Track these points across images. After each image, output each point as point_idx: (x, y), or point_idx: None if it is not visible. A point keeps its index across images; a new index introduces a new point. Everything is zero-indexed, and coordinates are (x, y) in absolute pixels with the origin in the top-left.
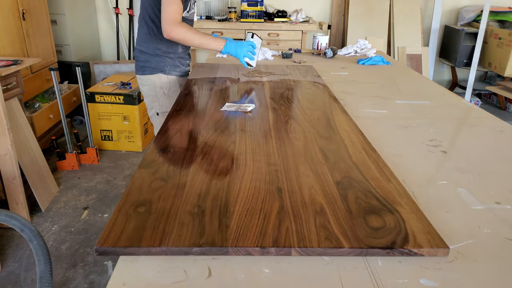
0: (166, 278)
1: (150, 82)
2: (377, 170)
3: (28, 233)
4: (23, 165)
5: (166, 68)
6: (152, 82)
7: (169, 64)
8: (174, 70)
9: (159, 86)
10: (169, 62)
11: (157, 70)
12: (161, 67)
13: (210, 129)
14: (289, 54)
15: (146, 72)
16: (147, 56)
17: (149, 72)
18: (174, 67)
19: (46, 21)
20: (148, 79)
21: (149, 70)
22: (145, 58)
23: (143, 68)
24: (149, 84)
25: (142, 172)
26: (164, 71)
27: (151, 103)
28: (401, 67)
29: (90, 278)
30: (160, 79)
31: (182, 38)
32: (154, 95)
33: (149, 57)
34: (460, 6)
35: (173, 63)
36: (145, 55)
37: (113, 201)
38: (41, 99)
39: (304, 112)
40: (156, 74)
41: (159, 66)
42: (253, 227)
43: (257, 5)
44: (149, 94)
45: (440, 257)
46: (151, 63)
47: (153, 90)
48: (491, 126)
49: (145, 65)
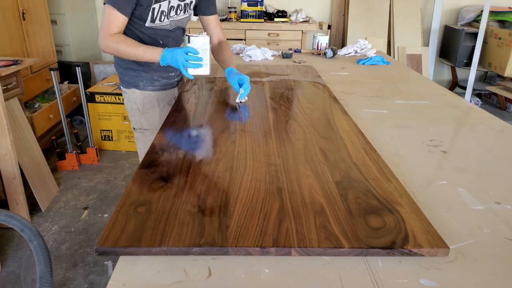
0: (166, 278)
1: (126, 95)
2: (377, 170)
3: (28, 233)
4: (23, 165)
5: (140, 83)
6: (128, 96)
7: (144, 79)
8: (150, 85)
9: (133, 101)
10: (144, 77)
11: (131, 85)
12: (135, 82)
13: (210, 129)
14: (289, 54)
15: (123, 85)
16: (121, 69)
17: (125, 86)
18: (151, 81)
19: (46, 21)
20: (125, 92)
21: (125, 84)
22: (120, 71)
23: (121, 81)
24: (126, 98)
25: (142, 172)
26: (138, 86)
27: (129, 116)
28: (401, 67)
29: (90, 278)
30: (134, 94)
31: (113, 52)
32: (129, 109)
33: (123, 71)
34: (460, 6)
35: (149, 77)
36: (120, 68)
37: (113, 201)
38: (41, 99)
39: (304, 112)
40: (130, 89)
41: (133, 80)
42: (253, 227)
43: (257, 5)
44: (127, 108)
45: (440, 257)
46: (125, 77)
47: (129, 104)
48: (491, 126)
49: (122, 78)
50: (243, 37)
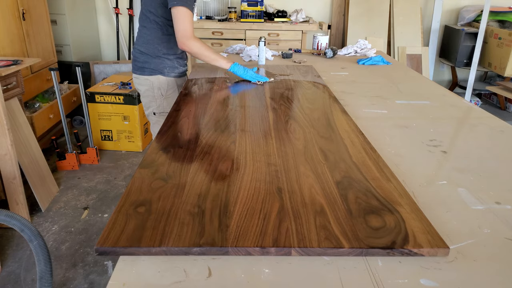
0: (166, 278)
1: (148, 82)
2: (377, 170)
3: (28, 233)
4: (23, 165)
5: (165, 70)
6: (151, 83)
7: (168, 66)
8: (172, 72)
9: (157, 87)
10: (168, 64)
11: (156, 72)
12: (160, 68)
13: (210, 129)
14: (289, 54)
15: (145, 72)
16: (146, 57)
17: (148, 73)
18: (173, 68)
19: (46, 21)
20: (146, 79)
21: (148, 71)
22: (144, 59)
23: (142, 69)
24: (147, 85)
25: (142, 172)
26: (163, 72)
27: (149, 103)
28: (401, 67)
29: (90, 278)
30: (158, 80)
31: (194, 52)
32: (152, 96)
33: (149, 58)
34: (460, 6)
35: (172, 64)
36: (144, 56)
37: (113, 201)
38: (41, 99)
39: (304, 112)
40: (155, 76)
41: (158, 67)
42: (253, 227)
43: (257, 5)
44: (147, 95)
45: (440, 257)
46: (151, 64)
47: (151, 90)
48: (491, 126)
49: (144, 65)
50: (243, 37)
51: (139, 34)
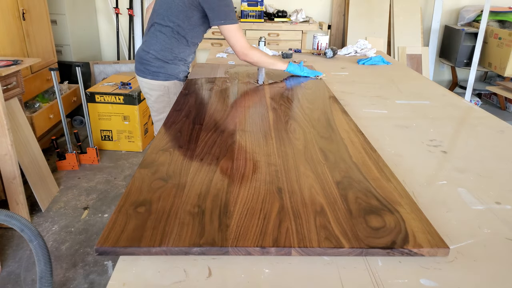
0: (166, 278)
1: (163, 88)
2: (377, 170)
3: (28, 233)
4: (23, 165)
5: (180, 75)
6: (167, 88)
7: (182, 71)
8: (185, 76)
9: (174, 92)
10: (182, 69)
11: (172, 77)
12: (176, 73)
13: (210, 129)
14: (289, 54)
15: (159, 78)
16: (161, 62)
17: (164, 78)
18: (185, 72)
19: (46, 21)
20: (161, 85)
21: (164, 76)
22: (159, 64)
23: (156, 74)
24: (162, 90)
25: (142, 172)
26: (179, 78)
27: (163, 108)
28: (401, 67)
29: (90, 278)
30: (175, 85)
31: (255, 62)
32: (167, 101)
33: (165, 64)
34: (460, 6)
35: (185, 69)
36: (159, 61)
37: (113, 201)
38: (41, 99)
39: (304, 112)
40: (171, 81)
41: (174, 72)
42: (253, 227)
43: (257, 5)
44: (162, 100)
45: (440, 257)
46: (167, 70)
47: (167, 96)
48: (491, 126)
49: (159, 70)
50: None
51: (154, 39)
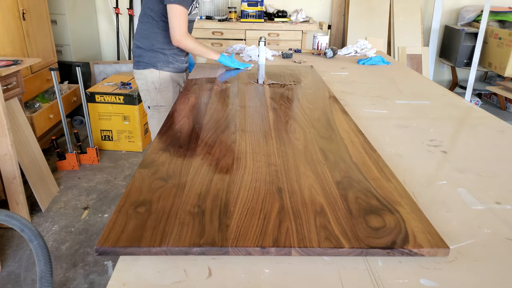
0: (166, 278)
1: (143, 76)
2: (377, 170)
3: (28, 233)
4: (23, 165)
5: (158, 64)
6: (145, 77)
7: (161, 60)
8: (166, 66)
9: (151, 81)
10: (161, 58)
11: (149, 65)
12: (153, 62)
13: (210, 129)
14: (289, 54)
15: (140, 66)
16: (141, 51)
17: (143, 67)
18: (167, 63)
19: (46, 21)
20: (141, 73)
21: (143, 65)
22: (139, 53)
23: (137, 63)
24: (142, 79)
25: (142, 172)
26: (156, 66)
27: (144, 97)
28: (401, 67)
29: (90, 278)
30: (151, 73)
31: (188, 48)
32: (146, 89)
33: (144, 52)
34: (460, 6)
35: (165, 59)
36: (140, 50)
37: (113, 201)
38: (41, 99)
39: (304, 112)
40: (148, 69)
41: (151, 61)
42: (253, 227)
43: (257, 5)
44: (143, 88)
45: (440, 257)
46: (145, 58)
47: (145, 84)
48: (491, 126)
49: (140, 59)
50: (243, 37)
51: (137, 29)
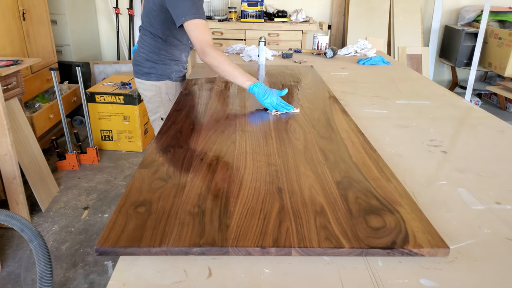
0: (166, 278)
1: (155, 88)
2: (377, 170)
3: (28, 233)
4: (23, 165)
5: (172, 75)
6: (158, 88)
7: (175, 71)
8: (178, 76)
9: (165, 92)
10: (175, 69)
11: (164, 77)
12: (167, 74)
13: (210, 129)
14: (289, 54)
15: (151, 78)
16: (152, 63)
17: (155, 79)
18: (179, 72)
19: (46, 21)
20: (153, 85)
21: (155, 77)
22: (150, 65)
23: (148, 74)
24: (154, 90)
25: (142, 172)
26: (170, 78)
27: (156, 108)
28: (401, 67)
29: (90, 278)
30: (166, 85)
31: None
32: (159, 101)
33: (155, 65)
34: (460, 6)
35: (178, 69)
36: (150, 62)
37: (113, 201)
38: (41, 99)
39: (304, 112)
40: (163, 81)
41: (165, 73)
42: (253, 227)
43: (257, 5)
44: (155, 100)
45: (440, 257)
46: (158, 70)
47: (159, 96)
48: (491, 126)
49: (151, 71)
50: (243, 37)
51: (142, 41)
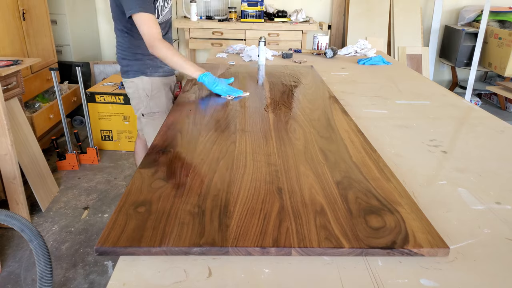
0: (166, 278)
1: (133, 85)
2: (377, 170)
3: (28, 233)
4: (23, 165)
5: (147, 70)
6: (135, 85)
7: (150, 66)
8: (156, 72)
9: (142, 88)
10: (150, 64)
11: (138, 73)
12: (142, 69)
13: (210, 129)
14: (289, 54)
15: (129, 75)
16: (127, 61)
17: (132, 75)
18: (156, 68)
19: (46, 21)
20: (131, 82)
21: (132, 73)
22: (126, 63)
23: (126, 72)
24: (133, 87)
25: (142, 172)
26: (145, 73)
27: (137, 105)
28: (401, 67)
29: (90, 278)
30: (142, 81)
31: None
32: (138, 97)
33: (130, 61)
34: (460, 6)
35: (154, 64)
36: (125, 60)
37: (113, 201)
38: (41, 99)
39: (304, 112)
40: (138, 77)
41: (140, 69)
42: (253, 227)
43: (257, 5)
44: (134, 97)
45: (440, 257)
46: (133, 67)
47: (137, 92)
48: (491, 126)
49: (128, 69)
50: (243, 37)
51: (117, 41)
